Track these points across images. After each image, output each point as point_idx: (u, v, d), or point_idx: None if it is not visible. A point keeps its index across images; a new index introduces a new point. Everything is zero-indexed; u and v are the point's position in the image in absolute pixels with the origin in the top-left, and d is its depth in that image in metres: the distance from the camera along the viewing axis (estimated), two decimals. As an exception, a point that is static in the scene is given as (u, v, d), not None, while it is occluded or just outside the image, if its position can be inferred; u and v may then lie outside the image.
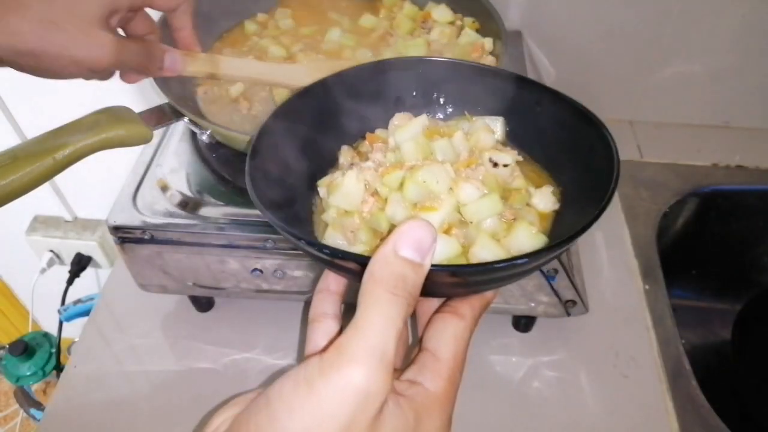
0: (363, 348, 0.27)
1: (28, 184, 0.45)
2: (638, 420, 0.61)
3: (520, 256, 0.31)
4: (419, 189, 0.38)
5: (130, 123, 0.51)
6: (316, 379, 0.27)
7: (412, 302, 0.29)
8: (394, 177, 0.38)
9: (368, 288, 0.28)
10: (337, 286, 0.37)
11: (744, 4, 0.78)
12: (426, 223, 0.30)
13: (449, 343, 0.33)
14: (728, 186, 0.84)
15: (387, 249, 0.29)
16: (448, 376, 0.32)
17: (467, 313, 0.34)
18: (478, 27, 0.70)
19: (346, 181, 0.39)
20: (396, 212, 0.37)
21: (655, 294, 0.71)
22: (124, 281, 0.66)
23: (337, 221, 0.39)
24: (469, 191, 0.37)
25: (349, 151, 0.44)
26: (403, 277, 0.28)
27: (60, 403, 0.64)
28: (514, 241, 0.37)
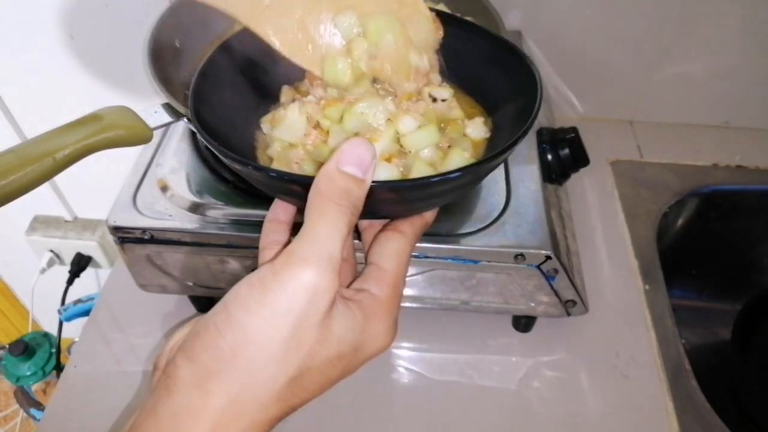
0: (311, 251, 0.29)
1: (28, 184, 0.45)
2: (638, 420, 0.61)
3: (451, 171, 0.33)
4: (358, 120, 0.39)
5: (130, 123, 0.51)
6: (269, 280, 0.29)
7: (356, 213, 0.31)
8: (335, 109, 0.40)
9: (314, 201, 0.30)
10: (285, 215, 0.39)
11: (744, 4, 0.78)
12: (365, 141, 0.32)
13: (392, 255, 0.35)
14: (728, 186, 0.84)
15: (330, 165, 0.31)
16: (392, 282, 0.34)
17: (407, 229, 0.37)
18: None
19: (289, 114, 0.40)
20: (338, 143, 0.39)
21: (655, 294, 0.71)
22: (124, 281, 0.66)
23: (281, 154, 0.41)
24: (408, 123, 0.40)
25: (289, 90, 0.46)
26: (346, 190, 0.30)
27: (60, 403, 0.64)
28: (449, 165, 0.40)
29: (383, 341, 0.34)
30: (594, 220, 0.79)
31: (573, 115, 0.93)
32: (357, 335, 0.32)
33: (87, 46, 0.87)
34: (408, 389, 0.64)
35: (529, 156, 0.63)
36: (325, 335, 0.30)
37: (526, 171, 0.61)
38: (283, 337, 0.29)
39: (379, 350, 0.34)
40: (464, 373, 0.65)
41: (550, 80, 0.89)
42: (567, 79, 0.89)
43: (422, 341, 0.68)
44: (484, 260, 0.56)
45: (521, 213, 0.56)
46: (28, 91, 0.94)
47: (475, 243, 0.54)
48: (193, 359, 0.30)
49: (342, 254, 0.30)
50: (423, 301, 0.63)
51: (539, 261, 0.55)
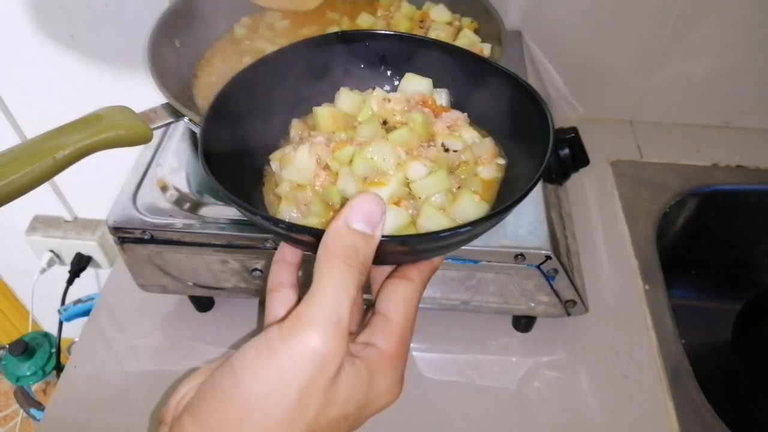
0: (319, 314, 0.29)
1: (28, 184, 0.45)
2: (638, 420, 0.61)
3: (462, 225, 0.33)
4: (367, 165, 0.39)
5: (130, 123, 0.51)
6: (276, 345, 0.29)
7: (365, 271, 0.31)
8: (344, 153, 0.40)
9: (323, 260, 0.30)
10: (293, 257, 0.38)
11: (744, 4, 0.78)
12: (376, 196, 0.31)
13: (399, 305, 0.35)
14: (728, 186, 0.84)
15: (339, 222, 0.30)
16: (399, 336, 0.34)
17: (416, 277, 0.36)
18: (476, 27, 0.70)
19: (299, 156, 0.40)
20: (347, 186, 0.39)
21: (655, 294, 0.71)
22: (124, 281, 0.66)
23: (290, 194, 0.40)
24: (418, 169, 0.39)
25: (299, 124, 0.45)
26: (354, 248, 0.30)
27: (60, 403, 0.64)
28: (458, 210, 0.39)
29: (389, 397, 0.33)
30: (594, 220, 0.79)
31: (573, 115, 0.93)
32: (363, 395, 0.31)
33: (87, 46, 0.87)
34: (408, 389, 0.64)
35: (529, 156, 0.63)
36: (331, 398, 0.30)
37: (526, 171, 0.61)
38: (289, 402, 0.29)
39: (384, 406, 0.33)
40: (464, 373, 0.65)
41: (550, 80, 0.89)
42: (567, 79, 0.89)
43: (422, 341, 0.68)
44: (484, 260, 0.56)
45: (521, 213, 0.56)
46: (28, 91, 0.94)
47: (475, 243, 0.54)
48: (200, 422, 0.30)
49: (350, 315, 0.30)
50: (423, 301, 0.62)
51: (539, 261, 0.55)
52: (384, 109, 0.44)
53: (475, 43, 0.67)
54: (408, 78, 0.46)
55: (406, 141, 0.41)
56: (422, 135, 0.42)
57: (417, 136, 0.42)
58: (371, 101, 0.44)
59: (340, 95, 0.45)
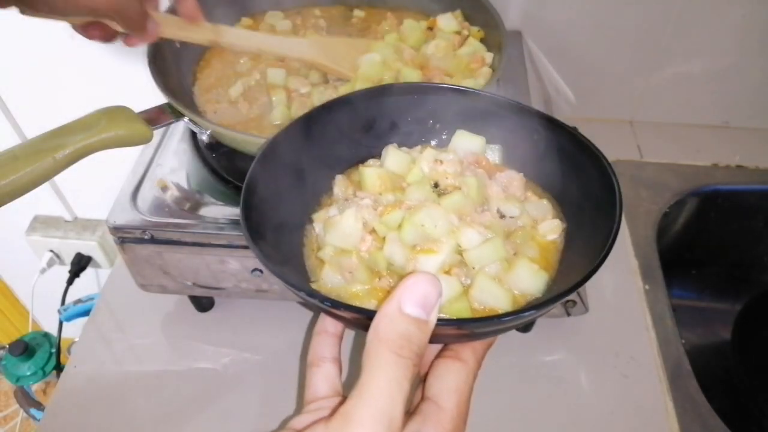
0: (369, 414, 0.26)
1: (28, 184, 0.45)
2: (638, 420, 0.61)
3: (526, 308, 0.31)
4: (417, 232, 0.37)
5: (130, 123, 0.51)
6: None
7: (418, 361, 0.28)
8: (393, 217, 0.37)
9: (373, 349, 0.27)
10: (335, 328, 0.36)
11: (744, 4, 0.78)
12: (431, 277, 0.29)
13: (452, 390, 0.32)
14: (728, 186, 0.84)
15: (392, 306, 0.28)
16: (452, 427, 0.31)
17: (470, 358, 0.33)
18: (482, 36, 0.69)
19: (344, 221, 0.38)
20: (394, 253, 0.37)
21: (655, 294, 0.71)
22: (124, 281, 0.66)
23: (334, 260, 0.38)
24: (472, 237, 0.36)
25: (343, 180, 0.43)
26: (408, 336, 0.27)
27: (60, 403, 0.64)
28: (515, 279, 0.36)
29: None
30: (594, 220, 0.79)
31: (573, 115, 0.93)
32: None
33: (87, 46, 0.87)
34: (408, 389, 0.64)
35: (529, 156, 0.62)
36: None
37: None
38: None
39: None
40: (464, 373, 0.65)
41: (550, 80, 0.89)
42: (567, 79, 0.89)
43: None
44: (484, 260, 0.55)
45: (521, 213, 0.56)
46: (28, 91, 0.94)
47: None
48: None
49: (403, 413, 0.27)
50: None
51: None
52: (435, 171, 0.41)
53: (479, 51, 0.66)
54: (459, 135, 0.43)
55: (459, 207, 0.38)
56: (476, 200, 0.39)
57: (471, 201, 0.39)
58: (422, 162, 0.41)
59: (388, 154, 0.42)
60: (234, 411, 0.62)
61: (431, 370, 0.33)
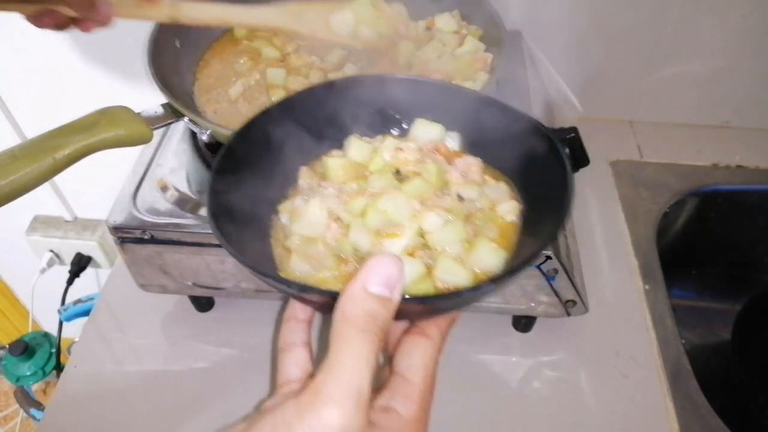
0: (338, 388, 0.27)
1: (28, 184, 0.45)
2: (638, 420, 0.61)
3: (485, 282, 0.32)
4: (381, 217, 0.38)
5: (130, 123, 0.51)
6: (293, 422, 0.27)
7: (384, 337, 0.29)
8: (357, 205, 0.39)
9: (339, 327, 0.29)
10: (304, 314, 0.37)
11: (743, 5, 0.78)
12: (393, 257, 0.30)
13: (419, 365, 0.33)
14: (728, 186, 0.84)
15: (356, 287, 0.29)
16: (420, 399, 0.33)
17: (435, 333, 0.35)
18: (481, 35, 0.69)
19: (309, 210, 0.39)
20: (359, 239, 0.38)
21: (655, 294, 0.71)
22: (124, 281, 0.66)
23: (300, 248, 0.39)
24: (433, 220, 0.38)
25: (307, 171, 0.44)
26: (373, 314, 0.29)
27: (60, 403, 0.64)
28: (476, 259, 0.38)
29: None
30: (594, 220, 0.79)
31: (573, 115, 0.93)
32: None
33: (87, 45, 0.87)
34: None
35: (529, 156, 0.63)
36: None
37: (526, 171, 0.61)
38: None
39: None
40: (464, 373, 0.65)
41: (550, 80, 0.89)
42: (567, 79, 0.89)
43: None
44: (484, 260, 0.56)
45: (521, 213, 0.56)
46: (28, 91, 0.94)
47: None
48: None
49: (371, 387, 0.28)
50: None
51: (539, 261, 0.55)
52: (396, 159, 0.43)
53: (479, 50, 0.66)
54: (419, 124, 0.45)
55: (420, 192, 0.40)
56: (436, 185, 0.41)
57: (431, 186, 0.41)
58: (383, 151, 0.43)
59: (351, 145, 0.44)
60: (234, 411, 0.62)
61: (399, 347, 0.35)
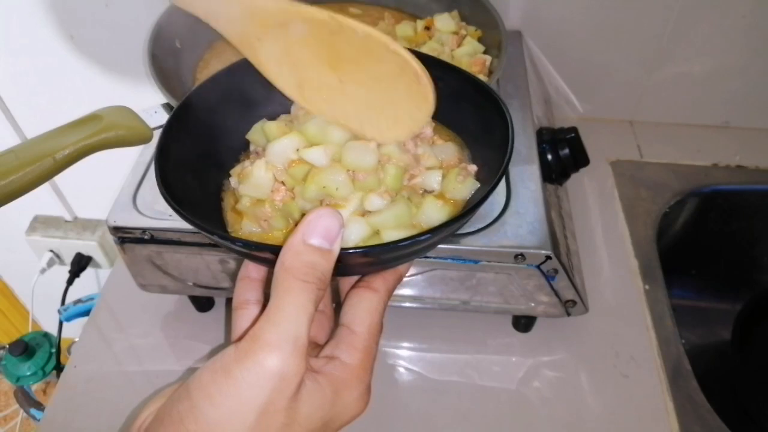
0: (276, 334, 0.28)
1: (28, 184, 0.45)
2: (638, 420, 0.61)
3: (422, 233, 0.33)
4: (320, 192, 0.38)
5: (130, 123, 0.51)
6: (232, 367, 0.28)
7: (323, 287, 0.30)
8: (299, 170, 0.39)
9: (280, 277, 0.29)
10: (257, 273, 0.38)
11: (744, 4, 0.78)
12: (333, 210, 0.31)
13: (363, 316, 0.34)
14: (728, 186, 0.84)
15: (296, 239, 0.30)
16: (364, 347, 0.33)
17: (380, 286, 0.35)
18: (480, 36, 0.69)
19: (255, 172, 0.39)
20: (305, 204, 0.38)
21: (655, 294, 0.71)
22: (124, 281, 0.66)
23: (250, 210, 0.40)
24: (375, 202, 0.38)
25: (256, 134, 0.44)
26: (312, 265, 0.30)
27: (60, 403, 0.64)
28: (422, 217, 0.38)
29: (355, 410, 0.33)
30: (594, 220, 0.79)
31: (573, 115, 0.93)
32: (327, 410, 0.31)
33: (87, 46, 0.87)
34: (408, 389, 0.64)
35: (529, 156, 0.63)
36: (292, 417, 0.29)
37: (526, 171, 0.61)
38: (248, 425, 0.28)
39: (351, 419, 0.33)
40: (464, 373, 0.65)
41: (550, 80, 0.89)
42: (567, 79, 0.89)
43: (422, 341, 0.68)
44: (484, 260, 0.56)
45: (521, 213, 0.56)
46: (28, 91, 0.94)
47: (475, 243, 0.54)
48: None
49: (309, 333, 0.29)
50: (423, 301, 0.63)
51: (539, 261, 0.55)
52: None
53: (478, 52, 0.66)
54: None
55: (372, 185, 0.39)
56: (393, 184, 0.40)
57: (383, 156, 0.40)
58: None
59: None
60: (234, 411, 0.62)
61: (345, 300, 0.36)
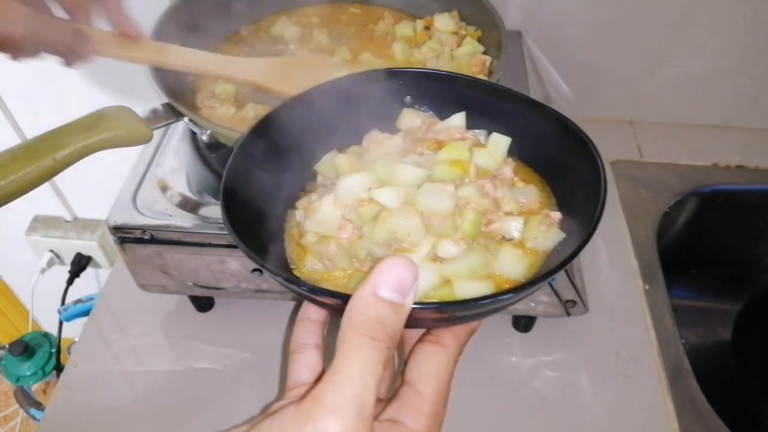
0: (340, 398, 0.26)
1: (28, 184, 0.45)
2: (638, 420, 0.61)
3: (504, 292, 0.30)
4: (390, 236, 0.35)
5: (130, 123, 0.51)
6: (291, 429, 0.26)
7: (393, 345, 0.28)
8: (369, 210, 0.36)
9: (346, 333, 0.27)
10: (318, 315, 0.36)
11: (744, 5, 0.78)
12: (407, 260, 0.28)
13: (431, 376, 0.31)
14: (728, 186, 0.84)
15: (366, 290, 0.27)
16: (431, 412, 0.30)
17: (451, 343, 0.32)
18: (479, 36, 0.69)
19: (323, 207, 0.37)
20: (372, 246, 0.36)
21: (655, 294, 0.71)
22: (124, 281, 0.66)
23: (315, 246, 0.38)
24: (448, 248, 0.35)
25: (325, 166, 0.43)
26: (382, 320, 0.27)
27: (60, 403, 0.64)
28: (499, 267, 0.36)
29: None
30: (594, 220, 0.79)
31: (573, 114, 0.93)
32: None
33: (87, 46, 0.87)
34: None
35: (529, 156, 0.62)
36: None
37: (526, 171, 0.61)
38: None
39: None
40: (464, 373, 0.65)
41: (550, 80, 0.89)
42: (567, 79, 0.89)
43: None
44: (484, 260, 0.55)
45: (521, 213, 0.56)
46: (28, 91, 0.94)
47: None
48: None
49: (375, 397, 0.26)
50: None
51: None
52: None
53: (478, 52, 0.66)
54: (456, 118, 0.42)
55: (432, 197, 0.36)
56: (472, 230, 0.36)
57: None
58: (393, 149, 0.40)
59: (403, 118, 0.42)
60: (234, 411, 0.62)
61: (411, 355, 0.32)
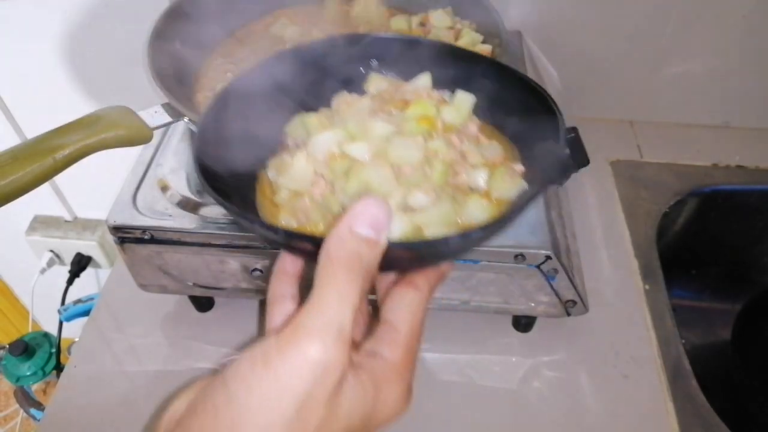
0: (320, 323, 0.27)
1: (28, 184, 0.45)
2: (638, 420, 0.61)
3: (470, 231, 0.32)
4: (362, 188, 0.37)
5: (130, 123, 0.51)
6: (272, 356, 0.27)
7: (369, 278, 0.29)
8: (340, 165, 0.38)
9: (324, 266, 0.28)
10: (293, 267, 0.37)
11: (744, 5, 0.78)
12: (381, 200, 0.30)
13: (406, 314, 0.33)
14: (728, 186, 0.84)
15: (342, 227, 0.29)
16: (406, 344, 0.33)
17: (423, 284, 0.34)
18: (476, 29, 0.69)
19: (295, 163, 0.39)
20: (345, 199, 0.37)
21: (655, 294, 0.71)
22: (124, 281, 0.66)
23: (288, 203, 0.39)
24: (419, 198, 0.37)
25: (296, 127, 0.43)
26: (358, 254, 0.29)
27: (60, 403, 0.64)
28: (466, 215, 0.38)
29: (395, 409, 0.32)
30: (594, 220, 0.79)
31: (573, 115, 0.93)
32: (367, 408, 0.30)
33: (87, 46, 0.87)
34: (408, 389, 0.64)
35: (529, 156, 0.63)
36: (332, 411, 0.28)
37: (526, 171, 0.61)
38: (287, 417, 0.27)
39: (392, 418, 0.32)
40: (464, 373, 0.65)
41: (550, 80, 0.89)
42: (567, 79, 0.89)
43: (422, 341, 0.68)
44: (484, 260, 0.56)
45: (521, 213, 0.56)
46: (28, 91, 0.94)
47: (475, 243, 0.54)
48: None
49: (353, 324, 0.28)
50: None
51: (539, 261, 0.55)
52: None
53: (477, 42, 0.66)
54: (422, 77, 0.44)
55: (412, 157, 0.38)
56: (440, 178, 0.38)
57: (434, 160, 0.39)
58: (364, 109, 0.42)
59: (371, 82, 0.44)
60: (234, 411, 0.62)
61: (387, 298, 0.34)
